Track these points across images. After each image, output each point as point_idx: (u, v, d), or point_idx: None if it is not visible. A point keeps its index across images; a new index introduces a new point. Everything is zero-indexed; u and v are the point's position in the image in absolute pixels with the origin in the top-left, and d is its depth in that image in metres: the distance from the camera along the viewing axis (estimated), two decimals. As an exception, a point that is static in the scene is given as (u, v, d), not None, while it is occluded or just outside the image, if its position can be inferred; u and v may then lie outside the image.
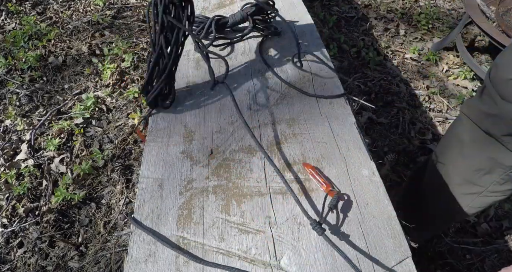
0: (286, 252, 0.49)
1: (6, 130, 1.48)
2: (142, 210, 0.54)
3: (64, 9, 2.10)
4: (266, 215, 0.53)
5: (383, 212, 0.52)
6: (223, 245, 0.50)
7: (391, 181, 1.35)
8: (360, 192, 0.55)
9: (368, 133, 1.51)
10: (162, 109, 0.68)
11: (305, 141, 0.63)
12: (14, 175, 1.30)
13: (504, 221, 1.25)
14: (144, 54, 1.78)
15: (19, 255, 1.13)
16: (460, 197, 0.79)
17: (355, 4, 2.25)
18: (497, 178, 0.69)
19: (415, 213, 0.97)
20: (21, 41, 1.83)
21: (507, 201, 1.30)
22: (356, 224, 0.51)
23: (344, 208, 0.53)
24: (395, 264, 0.47)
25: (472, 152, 0.71)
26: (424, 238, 1.12)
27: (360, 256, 0.48)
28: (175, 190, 0.57)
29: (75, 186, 1.27)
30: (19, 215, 1.22)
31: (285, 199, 0.55)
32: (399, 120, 1.56)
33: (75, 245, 1.14)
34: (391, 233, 0.50)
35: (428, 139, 1.49)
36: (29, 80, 1.67)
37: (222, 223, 0.52)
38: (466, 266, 1.14)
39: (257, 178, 0.58)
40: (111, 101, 1.57)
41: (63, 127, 1.45)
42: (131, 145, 1.39)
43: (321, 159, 0.60)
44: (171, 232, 0.52)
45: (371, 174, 0.57)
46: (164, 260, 0.49)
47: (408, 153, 1.44)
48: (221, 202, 0.55)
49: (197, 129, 0.66)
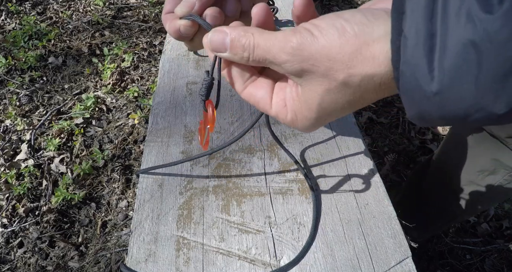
0: (286, 252, 0.49)
1: (6, 130, 1.48)
2: (142, 210, 0.54)
3: (64, 9, 2.10)
4: (266, 215, 0.53)
5: (383, 212, 0.52)
6: (223, 245, 0.50)
7: (391, 181, 1.35)
8: (360, 192, 0.55)
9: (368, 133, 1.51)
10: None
11: (305, 141, 0.63)
12: (14, 175, 1.30)
13: (504, 221, 1.25)
14: (144, 54, 1.78)
15: (19, 255, 1.13)
16: (462, 198, 0.79)
17: (355, 4, 2.25)
18: (500, 179, 0.69)
19: (415, 213, 0.97)
20: (21, 41, 1.83)
21: (507, 201, 1.30)
22: (356, 224, 0.51)
23: (344, 208, 0.53)
24: (395, 264, 0.47)
25: (476, 153, 0.71)
26: (424, 238, 1.12)
27: (360, 256, 0.48)
28: (175, 190, 0.57)
29: (75, 186, 1.27)
30: (19, 215, 1.22)
31: (285, 199, 0.55)
32: (399, 120, 1.56)
33: (75, 245, 1.14)
34: (391, 233, 0.50)
35: (428, 139, 1.49)
36: (29, 80, 1.67)
37: (222, 223, 0.52)
38: (466, 266, 1.14)
39: (257, 178, 0.58)
40: (111, 101, 1.57)
41: (63, 127, 1.45)
42: (131, 145, 1.39)
43: (321, 159, 0.60)
44: (171, 232, 0.52)
45: (371, 174, 0.57)
46: (164, 260, 0.49)
47: (408, 153, 1.44)
48: (221, 202, 0.55)
49: (197, 129, 0.66)
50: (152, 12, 2.06)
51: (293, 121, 0.30)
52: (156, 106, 0.71)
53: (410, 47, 0.20)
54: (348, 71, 0.23)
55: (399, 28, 0.21)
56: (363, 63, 0.23)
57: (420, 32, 0.20)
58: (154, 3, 2.12)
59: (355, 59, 0.23)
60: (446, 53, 0.19)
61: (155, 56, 1.79)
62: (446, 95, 0.20)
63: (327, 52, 0.23)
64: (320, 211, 0.53)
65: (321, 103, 0.26)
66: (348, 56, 0.23)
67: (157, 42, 1.87)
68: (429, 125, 0.23)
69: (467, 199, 0.79)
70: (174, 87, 0.75)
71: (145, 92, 1.60)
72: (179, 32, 0.34)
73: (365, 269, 0.47)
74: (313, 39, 0.24)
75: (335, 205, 0.54)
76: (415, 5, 0.20)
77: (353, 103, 0.26)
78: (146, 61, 1.76)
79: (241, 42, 0.27)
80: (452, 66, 0.19)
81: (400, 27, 0.21)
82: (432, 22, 0.19)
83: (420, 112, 0.22)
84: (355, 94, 0.25)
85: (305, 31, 0.24)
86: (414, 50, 0.20)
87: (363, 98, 0.25)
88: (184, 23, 0.33)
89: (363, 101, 0.26)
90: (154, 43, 1.87)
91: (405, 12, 0.20)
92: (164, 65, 0.81)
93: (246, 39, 0.27)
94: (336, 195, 0.55)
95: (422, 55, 0.20)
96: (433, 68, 0.19)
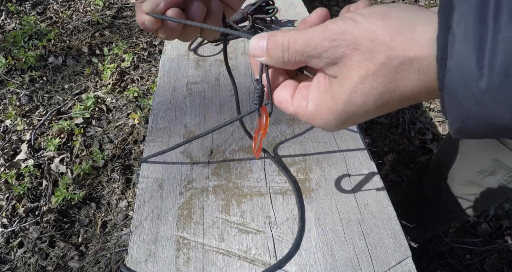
0: (286, 252, 0.49)
1: (6, 130, 1.48)
2: (142, 210, 0.54)
3: (64, 9, 2.10)
4: (266, 215, 0.53)
5: (383, 212, 0.52)
6: (223, 245, 0.50)
7: (391, 181, 1.35)
8: (360, 192, 0.55)
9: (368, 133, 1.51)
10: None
11: (305, 141, 0.63)
12: (14, 175, 1.30)
13: (504, 221, 1.25)
14: (144, 54, 1.78)
15: (19, 255, 1.13)
16: (462, 198, 0.79)
17: (355, 4, 2.25)
18: (500, 179, 0.69)
19: (415, 213, 0.97)
20: (21, 41, 1.83)
21: (507, 201, 1.30)
22: (356, 224, 0.51)
23: (344, 208, 0.53)
24: (395, 264, 0.47)
25: (476, 153, 0.71)
26: (424, 238, 1.12)
27: (360, 256, 0.48)
28: (175, 190, 0.57)
29: (75, 186, 1.27)
30: (19, 215, 1.22)
31: (285, 199, 0.55)
32: (399, 120, 1.56)
33: (75, 245, 1.14)
34: (391, 233, 0.50)
35: (428, 139, 1.49)
36: (29, 80, 1.67)
37: (222, 223, 0.52)
38: (466, 266, 1.14)
39: (257, 178, 0.58)
40: (111, 101, 1.57)
41: (63, 127, 1.45)
42: (131, 145, 1.39)
43: (321, 159, 0.60)
44: (171, 232, 0.52)
45: (371, 174, 0.57)
46: (164, 260, 0.49)
47: (408, 153, 1.44)
48: (221, 202, 0.55)
49: (197, 129, 0.66)
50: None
51: (312, 115, 0.28)
52: (156, 106, 0.71)
53: (459, 43, 0.20)
54: (389, 53, 0.23)
55: (447, 24, 0.20)
56: (404, 45, 0.22)
57: (469, 28, 0.19)
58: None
59: (397, 39, 0.22)
60: (497, 50, 0.18)
61: (155, 56, 1.79)
62: (494, 94, 0.19)
63: (369, 34, 0.23)
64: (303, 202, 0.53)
65: (352, 93, 0.25)
66: (390, 37, 0.23)
67: (157, 42, 1.87)
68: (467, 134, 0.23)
69: (467, 199, 0.79)
70: (174, 87, 0.75)
71: (145, 92, 1.60)
72: (144, 25, 0.36)
73: (365, 269, 0.47)
74: (355, 24, 0.24)
75: (335, 205, 0.54)
76: (465, 2, 0.20)
77: (386, 99, 0.24)
78: (146, 61, 1.76)
79: (278, 41, 0.27)
80: (503, 63, 0.18)
81: (448, 22, 0.20)
82: (483, 18, 0.19)
83: (463, 114, 0.21)
84: (391, 84, 0.23)
85: (347, 19, 0.24)
86: (463, 46, 0.19)
87: (398, 92, 0.24)
88: (148, 19, 0.35)
89: (396, 99, 0.24)
90: (154, 43, 1.87)
91: (454, 8, 0.20)
92: (164, 65, 0.81)
93: (283, 38, 0.26)
94: (336, 195, 0.55)
95: (471, 51, 0.19)
96: (483, 65, 0.19)
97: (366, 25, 0.23)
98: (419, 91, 0.23)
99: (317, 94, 0.27)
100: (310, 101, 0.28)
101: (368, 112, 0.26)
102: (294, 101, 0.29)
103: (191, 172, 0.59)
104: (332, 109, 0.26)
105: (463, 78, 0.20)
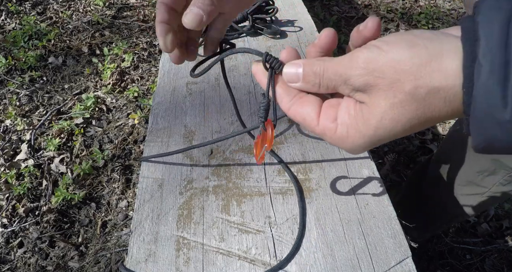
0: (286, 252, 0.49)
1: (6, 130, 1.48)
2: (142, 210, 0.54)
3: (64, 9, 2.10)
4: (266, 215, 0.53)
5: (383, 212, 0.52)
6: (223, 245, 0.50)
7: (391, 181, 1.35)
8: (360, 192, 0.55)
9: (368, 133, 1.50)
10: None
11: (305, 141, 0.63)
12: (14, 175, 1.30)
13: (504, 221, 1.25)
14: (144, 54, 1.78)
15: (19, 255, 1.13)
16: (462, 198, 0.79)
17: (355, 4, 2.25)
18: (500, 179, 0.69)
19: (415, 213, 0.97)
20: (21, 41, 1.83)
21: (507, 201, 1.30)
22: (356, 224, 0.51)
23: (344, 208, 0.53)
24: (395, 264, 0.47)
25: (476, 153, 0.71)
26: (424, 238, 1.12)
27: (360, 256, 0.48)
28: (175, 190, 0.57)
29: (75, 186, 1.27)
30: (19, 215, 1.22)
31: (285, 199, 0.55)
32: (399, 120, 1.55)
33: (75, 245, 1.14)
34: (391, 233, 0.50)
35: (428, 139, 1.49)
36: (29, 80, 1.67)
37: (222, 223, 0.52)
38: (466, 266, 1.14)
39: (257, 178, 0.58)
40: (111, 101, 1.57)
41: (63, 127, 1.45)
42: (131, 145, 1.39)
43: (321, 159, 0.60)
44: (171, 232, 0.52)
45: (371, 174, 0.57)
46: (164, 260, 0.49)
47: (408, 153, 1.44)
48: (221, 202, 0.55)
49: (197, 129, 0.66)
50: (152, 12, 2.06)
51: (342, 138, 0.28)
52: (156, 106, 0.71)
53: (484, 74, 0.20)
54: (416, 82, 0.23)
55: (473, 55, 0.21)
56: (431, 75, 0.23)
57: (495, 60, 0.20)
58: (154, 3, 2.12)
59: (424, 70, 0.23)
60: None
61: (155, 56, 1.79)
62: None
63: (395, 65, 0.24)
64: (305, 203, 0.53)
65: (381, 119, 0.26)
66: (417, 67, 0.23)
67: (157, 42, 1.86)
68: (493, 153, 0.24)
69: (467, 199, 0.79)
70: (174, 87, 0.75)
71: (145, 92, 1.60)
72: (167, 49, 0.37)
73: (365, 269, 0.47)
74: (380, 52, 0.25)
75: (335, 205, 0.54)
76: (489, 33, 0.21)
77: (414, 123, 0.25)
78: (146, 61, 1.76)
79: (313, 69, 0.28)
80: None
81: (474, 53, 0.21)
82: (508, 50, 0.20)
83: (488, 138, 0.22)
84: (418, 110, 0.24)
85: (373, 47, 0.25)
86: (488, 77, 0.20)
87: (425, 117, 0.25)
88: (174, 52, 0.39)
89: (423, 122, 0.25)
90: (154, 43, 1.87)
91: (479, 39, 0.21)
92: (164, 65, 0.81)
93: (318, 66, 0.28)
94: (336, 195, 0.55)
95: (496, 82, 0.20)
96: (507, 95, 0.20)
97: (392, 55, 0.24)
98: (445, 115, 0.25)
99: (347, 118, 0.28)
100: (340, 125, 0.28)
101: (396, 135, 0.27)
102: (321, 121, 0.29)
103: (191, 172, 0.59)
104: (364, 133, 0.27)
105: (488, 107, 0.21)
